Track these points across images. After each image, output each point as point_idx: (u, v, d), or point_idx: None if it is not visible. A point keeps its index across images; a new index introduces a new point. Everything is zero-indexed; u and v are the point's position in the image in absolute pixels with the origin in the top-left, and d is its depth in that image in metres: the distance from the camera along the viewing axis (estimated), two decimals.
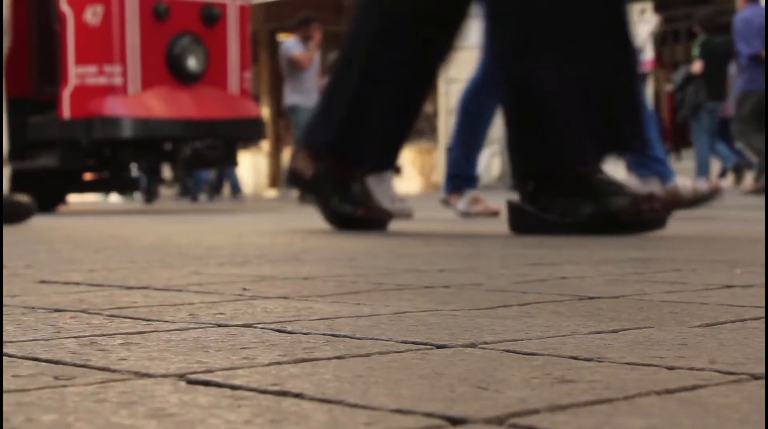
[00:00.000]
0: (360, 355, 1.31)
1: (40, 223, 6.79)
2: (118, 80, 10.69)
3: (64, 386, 1.12)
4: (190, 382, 1.14)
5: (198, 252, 3.49)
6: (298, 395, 1.06)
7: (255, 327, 1.59)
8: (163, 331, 1.56)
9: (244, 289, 2.19)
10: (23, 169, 10.83)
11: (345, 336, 1.48)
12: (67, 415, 0.98)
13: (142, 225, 6.55)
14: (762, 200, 8.35)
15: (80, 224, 6.79)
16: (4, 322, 1.68)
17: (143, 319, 1.70)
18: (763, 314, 1.68)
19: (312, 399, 1.04)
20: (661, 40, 17.88)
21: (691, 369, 1.19)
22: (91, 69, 10.73)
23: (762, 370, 1.17)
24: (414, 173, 21.11)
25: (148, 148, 11.42)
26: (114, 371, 1.22)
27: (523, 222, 4.46)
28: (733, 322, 1.60)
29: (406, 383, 1.11)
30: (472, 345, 1.39)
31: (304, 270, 2.69)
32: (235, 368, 1.22)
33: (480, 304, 1.88)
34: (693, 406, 0.99)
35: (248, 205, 14.20)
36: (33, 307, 1.90)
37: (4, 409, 1.00)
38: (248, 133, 11.44)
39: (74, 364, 1.27)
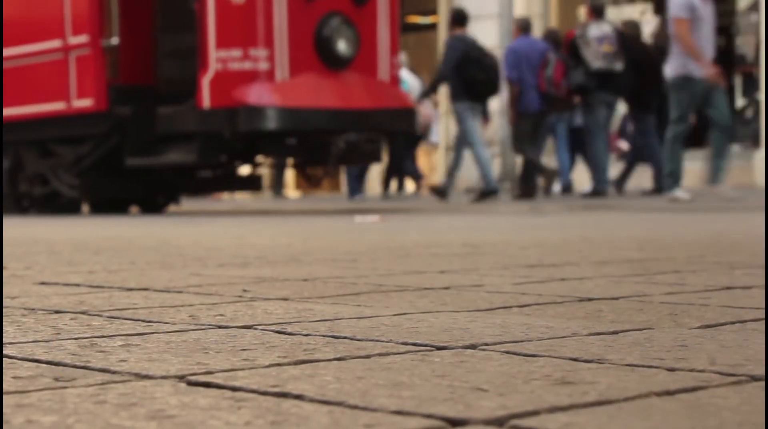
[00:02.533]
0: (360, 357, 1.31)
1: (40, 224, 6.78)
2: (264, 65, 9.42)
3: (64, 387, 1.12)
4: (191, 383, 1.14)
5: (198, 253, 3.49)
6: (298, 397, 1.06)
7: (255, 328, 1.59)
8: (163, 332, 1.56)
9: (245, 291, 2.19)
10: (151, 166, 9.85)
11: (345, 337, 1.48)
12: (67, 416, 0.98)
13: (141, 226, 6.55)
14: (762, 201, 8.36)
15: (81, 226, 6.79)
16: (4, 323, 1.68)
17: (143, 321, 1.70)
18: (763, 316, 1.68)
19: (312, 400, 1.04)
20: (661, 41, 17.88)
21: (691, 370, 1.19)
22: (235, 53, 9.47)
23: (762, 371, 1.17)
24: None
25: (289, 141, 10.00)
26: (114, 373, 1.21)
27: None
28: (733, 323, 1.60)
29: (407, 385, 1.11)
30: (473, 346, 1.39)
31: (304, 271, 2.69)
32: (236, 370, 1.22)
33: (480, 305, 1.88)
34: (693, 407, 0.99)
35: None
36: (33, 309, 1.89)
37: (5, 410, 1.00)
38: (401, 124, 10.07)
39: (74, 366, 1.26)
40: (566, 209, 8.59)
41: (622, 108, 14.01)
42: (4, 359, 1.32)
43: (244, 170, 11.26)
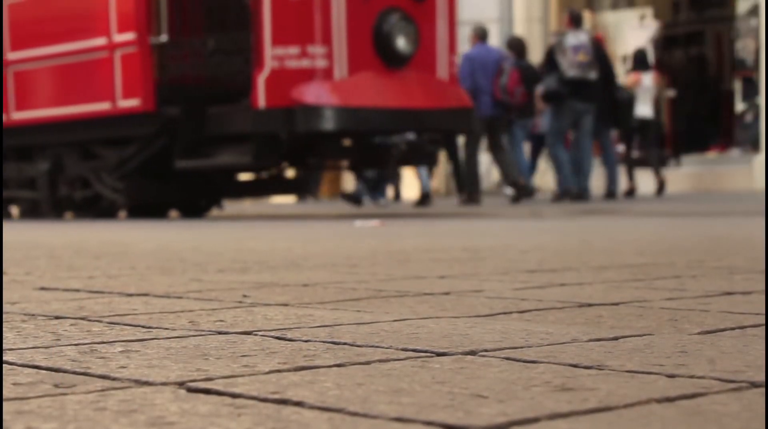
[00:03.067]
0: (360, 363, 1.31)
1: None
2: (322, 63, 8.94)
3: (64, 394, 1.12)
4: (190, 390, 1.14)
5: (198, 258, 3.49)
6: (298, 403, 1.06)
7: (255, 334, 1.59)
8: (163, 338, 1.56)
9: (245, 296, 2.19)
10: (202, 168, 9.36)
11: (345, 343, 1.48)
12: (67, 423, 0.98)
13: (141, 232, 6.55)
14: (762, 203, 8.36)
15: (80, 229, 6.79)
16: (4, 329, 1.68)
17: (143, 327, 1.70)
18: (763, 322, 1.68)
19: (312, 407, 1.04)
20: (661, 45, 17.89)
21: (691, 377, 1.19)
22: (292, 50, 8.96)
23: (762, 377, 1.17)
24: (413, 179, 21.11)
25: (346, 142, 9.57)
26: (114, 379, 1.21)
27: None
28: (733, 329, 1.60)
29: (407, 391, 1.11)
30: (473, 353, 1.39)
31: (304, 276, 2.69)
32: (236, 376, 1.22)
33: (480, 311, 1.88)
34: (693, 414, 0.99)
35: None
36: (33, 314, 1.89)
37: (4, 417, 1.00)
38: (461, 125, 9.62)
39: (74, 372, 1.26)
40: (566, 214, 8.59)
41: None
42: (4, 365, 1.32)
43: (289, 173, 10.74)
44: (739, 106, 17.65)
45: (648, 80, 13.75)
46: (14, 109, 10.36)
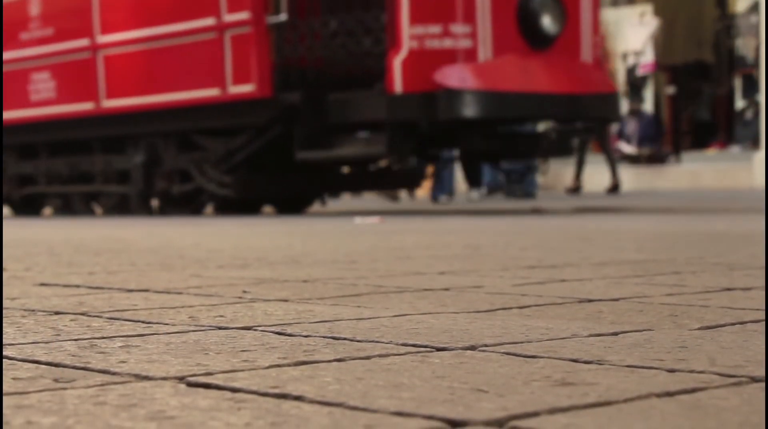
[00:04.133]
0: (360, 358, 1.31)
1: (41, 224, 6.78)
2: (466, 43, 8.14)
3: (64, 389, 1.12)
4: (190, 384, 1.14)
5: (198, 255, 3.49)
6: (298, 398, 1.06)
7: (255, 329, 1.59)
8: (163, 333, 1.56)
9: (245, 292, 2.19)
10: (326, 160, 8.55)
11: (345, 339, 1.48)
12: (67, 417, 0.98)
13: (141, 228, 6.55)
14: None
15: (80, 226, 6.79)
16: (4, 324, 1.68)
17: (143, 322, 1.70)
18: (763, 317, 1.68)
19: (312, 402, 1.04)
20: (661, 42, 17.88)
21: (691, 372, 1.19)
22: (433, 29, 8.11)
23: (762, 372, 1.17)
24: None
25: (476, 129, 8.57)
26: (114, 374, 1.21)
27: None
28: (733, 324, 1.60)
29: (407, 386, 1.11)
30: (473, 348, 1.39)
31: (304, 272, 2.69)
32: (236, 371, 1.22)
33: (480, 306, 1.88)
34: (693, 408, 0.99)
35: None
36: (33, 310, 1.89)
37: (4, 411, 1.00)
38: (609, 112, 8.66)
39: (74, 367, 1.26)
40: (566, 210, 8.59)
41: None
42: (4, 360, 1.32)
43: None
44: (739, 103, 17.65)
45: None
46: (105, 96, 9.45)
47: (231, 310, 1.85)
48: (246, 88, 8.54)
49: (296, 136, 8.48)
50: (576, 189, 14.44)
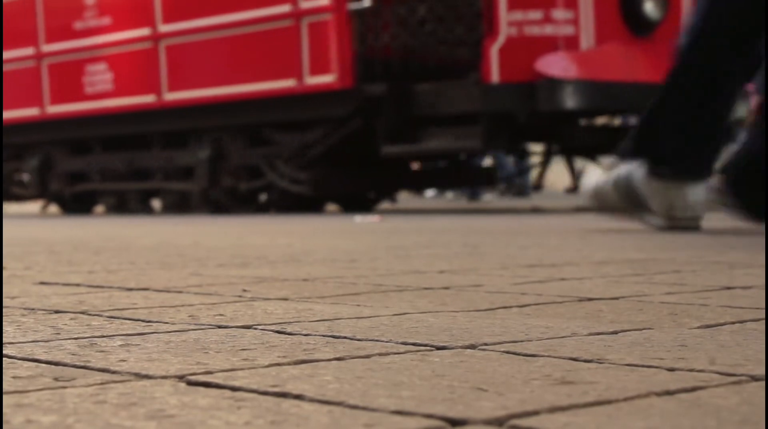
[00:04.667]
0: (360, 357, 1.31)
1: (43, 223, 6.77)
2: (567, 30, 7.74)
3: (64, 387, 1.12)
4: (190, 383, 1.14)
5: (198, 253, 3.49)
6: (298, 397, 1.06)
7: (255, 328, 1.59)
8: (162, 332, 1.56)
9: (244, 291, 2.19)
10: (414, 155, 8.22)
11: (345, 337, 1.48)
12: (67, 416, 0.98)
13: (141, 226, 6.55)
14: None
15: (80, 224, 6.79)
16: (4, 323, 1.68)
17: (143, 321, 1.70)
18: (763, 316, 1.68)
19: (312, 400, 1.04)
20: None
21: (690, 370, 1.19)
22: (533, 15, 7.71)
23: (762, 371, 1.17)
24: None
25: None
26: (114, 372, 1.21)
27: None
28: (733, 323, 1.60)
29: (407, 385, 1.11)
30: (472, 346, 1.39)
31: (303, 271, 2.69)
32: (235, 369, 1.22)
33: (480, 305, 1.88)
34: (693, 407, 0.99)
35: None
36: (33, 309, 1.89)
37: (4, 410, 1.00)
38: None
39: (74, 366, 1.26)
40: (565, 208, 8.59)
41: None
42: (3, 359, 1.32)
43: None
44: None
45: None
46: (167, 89, 9.02)
47: (231, 309, 1.85)
48: (325, 79, 8.11)
49: (380, 130, 8.05)
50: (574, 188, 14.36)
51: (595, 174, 5.02)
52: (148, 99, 9.22)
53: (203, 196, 9.10)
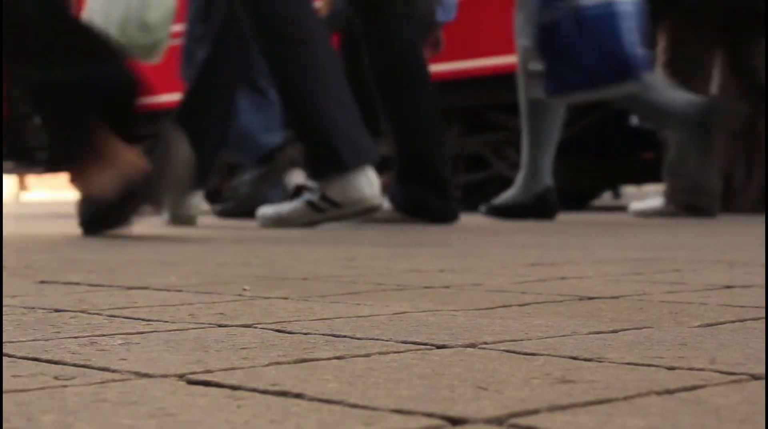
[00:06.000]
0: (360, 356, 1.31)
1: (44, 223, 6.77)
2: None
3: (64, 386, 1.12)
4: (190, 382, 1.14)
5: (197, 252, 3.49)
6: (298, 395, 1.06)
7: (255, 327, 1.59)
8: (162, 331, 1.56)
9: (244, 289, 2.19)
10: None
11: (345, 336, 1.48)
12: (67, 415, 0.98)
13: (141, 225, 6.55)
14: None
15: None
16: (3, 322, 1.68)
17: (143, 320, 1.70)
18: (763, 314, 1.68)
19: (312, 399, 1.04)
20: None
21: (691, 369, 1.19)
22: None
23: (762, 370, 1.17)
24: None
25: None
26: (114, 371, 1.21)
27: None
28: (733, 322, 1.60)
29: (406, 383, 1.11)
30: (472, 345, 1.39)
31: (303, 270, 2.69)
32: (235, 368, 1.22)
33: (480, 304, 1.88)
34: (693, 406, 0.99)
35: None
36: (33, 307, 1.89)
37: (4, 409, 1.00)
38: None
39: (74, 365, 1.26)
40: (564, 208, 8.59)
41: None
42: (3, 358, 1.32)
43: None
44: None
45: None
46: None
47: (231, 308, 1.85)
48: None
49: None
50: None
51: None
52: None
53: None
